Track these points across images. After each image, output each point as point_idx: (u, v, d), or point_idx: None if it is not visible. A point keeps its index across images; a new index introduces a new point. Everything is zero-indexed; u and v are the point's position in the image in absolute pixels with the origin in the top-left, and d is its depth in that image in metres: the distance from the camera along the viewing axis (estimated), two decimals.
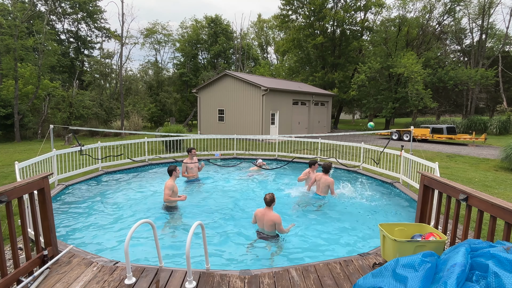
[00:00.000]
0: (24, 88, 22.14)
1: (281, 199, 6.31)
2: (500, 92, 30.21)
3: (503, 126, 24.13)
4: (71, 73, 33.55)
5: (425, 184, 3.67)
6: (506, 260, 1.92)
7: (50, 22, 31.66)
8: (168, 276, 2.99)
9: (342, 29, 30.55)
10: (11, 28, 19.68)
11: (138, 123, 26.10)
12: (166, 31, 39.41)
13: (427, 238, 3.10)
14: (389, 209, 6.04)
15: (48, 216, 3.16)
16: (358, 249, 4.27)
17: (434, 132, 19.48)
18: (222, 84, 20.93)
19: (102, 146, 8.91)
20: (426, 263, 2.19)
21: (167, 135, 11.78)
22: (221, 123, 21.22)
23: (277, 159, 10.93)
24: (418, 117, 38.77)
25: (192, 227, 2.73)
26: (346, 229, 5.07)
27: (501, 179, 8.80)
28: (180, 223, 5.24)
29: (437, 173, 5.36)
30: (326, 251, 4.30)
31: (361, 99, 30.88)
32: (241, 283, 2.88)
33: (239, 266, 3.81)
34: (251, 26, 51.68)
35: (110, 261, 3.31)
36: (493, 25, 30.47)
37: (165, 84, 37.10)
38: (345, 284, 2.86)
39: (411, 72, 23.57)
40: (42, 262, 3.09)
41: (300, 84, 26.30)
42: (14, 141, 19.87)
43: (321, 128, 25.59)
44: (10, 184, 2.75)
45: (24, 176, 5.42)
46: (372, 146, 9.19)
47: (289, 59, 40.02)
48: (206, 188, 7.44)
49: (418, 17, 29.31)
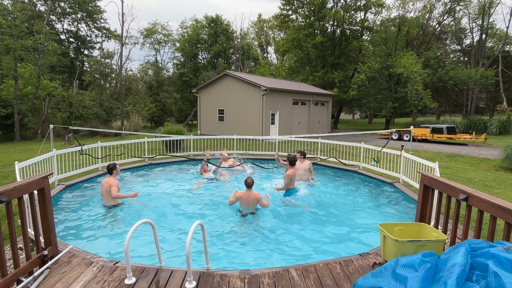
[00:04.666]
0: (24, 88, 22.14)
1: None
2: (500, 92, 30.20)
3: (503, 126, 24.12)
4: (71, 73, 33.56)
5: (425, 184, 3.67)
6: (506, 260, 1.91)
7: (50, 22, 31.66)
8: (168, 276, 2.99)
9: (342, 29, 30.57)
10: (11, 28, 19.69)
11: (138, 123, 26.12)
12: (166, 31, 39.46)
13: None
14: (388, 209, 6.04)
15: (48, 216, 3.16)
16: (358, 249, 4.27)
17: (434, 132, 19.48)
18: (222, 84, 20.93)
19: (102, 146, 8.91)
20: (426, 263, 2.19)
21: (167, 136, 11.79)
22: (221, 123, 21.22)
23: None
24: (418, 117, 38.78)
25: (192, 227, 2.72)
26: (345, 229, 5.07)
27: (501, 179, 8.80)
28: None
29: (437, 173, 5.36)
30: (326, 251, 4.30)
31: (361, 99, 30.89)
32: (241, 283, 2.88)
33: (239, 266, 3.81)
34: (251, 26, 51.76)
35: (110, 261, 3.31)
36: (493, 25, 30.46)
37: (165, 84, 37.12)
38: (345, 284, 2.86)
39: (410, 72, 23.57)
40: (42, 262, 3.09)
41: (300, 84, 26.30)
42: (14, 141, 19.87)
43: (321, 128, 25.60)
44: (10, 184, 2.75)
45: (24, 176, 5.42)
46: (372, 146, 9.19)
47: (289, 59, 40.04)
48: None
49: (418, 17, 29.31)
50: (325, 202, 6.31)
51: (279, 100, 20.00)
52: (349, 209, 5.98)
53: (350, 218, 5.48)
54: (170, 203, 6.26)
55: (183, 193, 7.01)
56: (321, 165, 9.80)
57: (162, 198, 6.57)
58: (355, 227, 5.11)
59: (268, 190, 6.84)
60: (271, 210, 5.73)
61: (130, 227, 2.87)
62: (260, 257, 4.10)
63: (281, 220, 5.37)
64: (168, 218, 5.43)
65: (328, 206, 6.08)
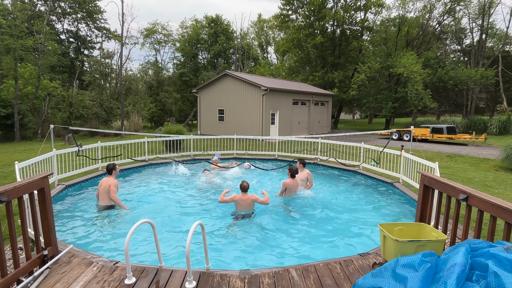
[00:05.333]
0: (24, 88, 22.15)
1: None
2: (500, 92, 30.20)
3: (503, 126, 24.11)
4: (71, 73, 33.56)
5: (425, 184, 3.67)
6: (506, 260, 1.92)
7: (50, 22, 31.66)
8: (168, 276, 2.99)
9: (342, 29, 30.56)
10: (11, 28, 19.69)
11: (138, 123, 26.12)
12: (166, 31, 39.44)
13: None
14: (388, 209, 6.04)
15: (48, 216, 3.16)
16: (358, 249, 4.27)
17: (434, 132, 19.47)
18: (222, 84, 20.93)
19: (102, 146, 8.91)
20: (426, 263, 2.19)
21: (167, 136, 11.79)
22: (221, 123, 21.22)
23: (277, 159, 10.94)
24: (418, 117, 38.77)
25: (192, 226, 2.72)
26: (345, 229, 5.07)
27: (501, 179, 8.80)
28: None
29: (437, 173, 5.36)
30: (326, 251, 4.30)
31: (361, 99, 30.89)
32: (241, 283, 2.88)
33: (239, 266, 3.81)
34: (251, 26, 51.77)
35: (110, 261, 3.31)
36: (493, 25, 30.45)
37: (165, 84, 37.11)
38: (345, 284, 2.86)
39: (410, 72, 23.57)
40: (42, 262, 3.09)
41: (300, 84, 26.30)
42: (14, 141, 19.87)
43: (321, 128, 25.60)
44: (10, 184, 2.75)
45: (24, 176, 5.42)
46: (372, 146, 9.19)
47: (289, 59, 40.04)
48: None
49: (418, 17, 29.29)
50: (325, 202, 6.31)
51: (279, 100, 20.00)
52: (349, 209, 5.98)
53: (350, 218, 5.48)
54: (170, 203, 6.26)
55: (183, 193, 7.01)
56: (321, 165, 9.80)
57: (162, 198, 6.58)
58: (355, 227, 5.11)
59: (266, 188, 6.85)
60: (271, 210, 5.73)
61: (130, 227, 2.87)
62: (260, 257, 4.10)
63: (281, 220, 5.37)
64: (168, 218, 5.43)
65: (328, 206, 6.08)
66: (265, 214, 5.58)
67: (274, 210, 5.80)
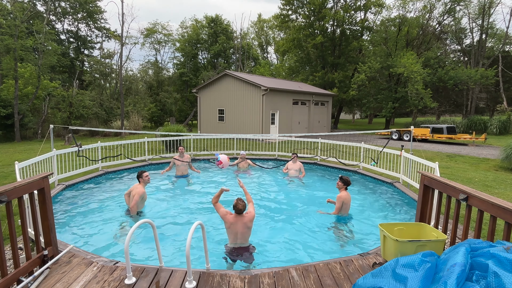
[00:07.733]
0: (24, 88, 22.14)
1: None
2: (500, 92, 30.18)
3: (503, 126, 24.11)
4: (71, 73, 33.53)
5: (425, 184, 3.67)
6: (506, 260, 1.91)
7: (50, 22, 31.64)
8: (168, 276, 2.99)
9: (342, 29, 30.55)
10: (11, 28, 19.67)
11: (138, 123, 26.12)
12: (166, 31, 39.39)
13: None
14: (388, 209, 6.03)
15: (48, 216, 3.16)
16: (358, 249, 4.27)
17: (434, 132, 19.47)
18: (222, 84, 20.92)
19: (102, 146, 8.91)
20: (426, 263, 2.19)
21: (167, 134, 11.78)
22: (221, 123, 21.21)
23: (277, 159, 10.94)
24: (418, 117, 38.75)
25: (192, 226, 2.73)
26: (345, 228, 5.07)
27: (501, 179, 8.80)
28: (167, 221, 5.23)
29: (437, 173, 5.36)
30: (326, 251, 4.30)
31: (361, 99, 30.87)
32: (241, 283, 2.88)
33: (239, 266, 3.81)
34: (251, 26, 51.71)
35: (110, 261, 3.31)
36: (493, 25, 30.43)
37: (165, 84, 37.07)
38: (345, 284, 2.86)
39: (410, 72, 23.57)
40: (42, 262, 3.09)
41: (300, 84, 26.30)
42: (14, 141, 19.86)
43: (321, 128, 25.59)
44: (10, 184, 2.75)
45: (24, 176, 5.42)
46: (372, 146, 9.18)
47: (289, 59, 40.00)
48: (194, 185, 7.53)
49: (418, 17, 29.29)
50: (324, 202, 6.30)
51: (279, 100, 19.99)
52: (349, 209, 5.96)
53: (350, 218, 5.48)
54: (170, 203, 6.26)
55: (183, 193, 7.01)
56: (321, 165, 9.80)
57: (162, 198, 6.57)
58: (355, 227, 5.11)
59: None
60: (270, 210, 5.72)
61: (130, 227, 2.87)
62: (260, 257, 4.10)
63: (281, 220, 5.37)
64: (168, 218, 5.43)
65: (328, 205, 6.08)
66: (265, 213, 5.58)
67: (275, 209, 5.80)
